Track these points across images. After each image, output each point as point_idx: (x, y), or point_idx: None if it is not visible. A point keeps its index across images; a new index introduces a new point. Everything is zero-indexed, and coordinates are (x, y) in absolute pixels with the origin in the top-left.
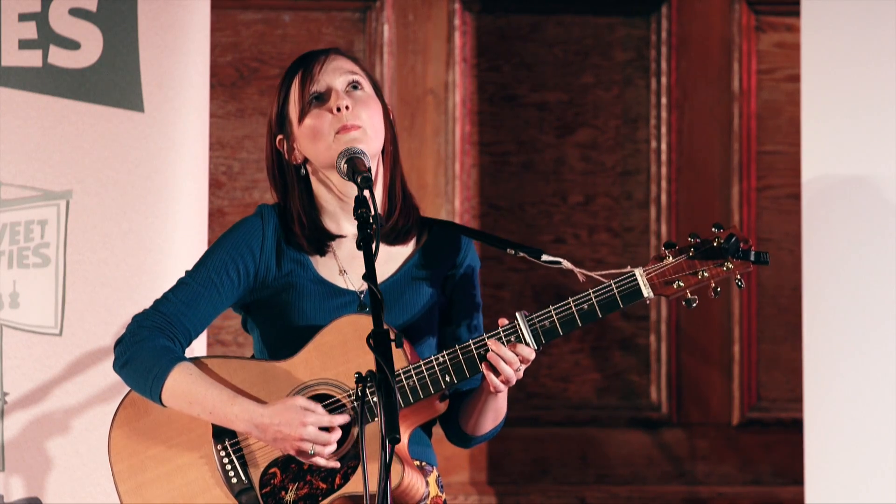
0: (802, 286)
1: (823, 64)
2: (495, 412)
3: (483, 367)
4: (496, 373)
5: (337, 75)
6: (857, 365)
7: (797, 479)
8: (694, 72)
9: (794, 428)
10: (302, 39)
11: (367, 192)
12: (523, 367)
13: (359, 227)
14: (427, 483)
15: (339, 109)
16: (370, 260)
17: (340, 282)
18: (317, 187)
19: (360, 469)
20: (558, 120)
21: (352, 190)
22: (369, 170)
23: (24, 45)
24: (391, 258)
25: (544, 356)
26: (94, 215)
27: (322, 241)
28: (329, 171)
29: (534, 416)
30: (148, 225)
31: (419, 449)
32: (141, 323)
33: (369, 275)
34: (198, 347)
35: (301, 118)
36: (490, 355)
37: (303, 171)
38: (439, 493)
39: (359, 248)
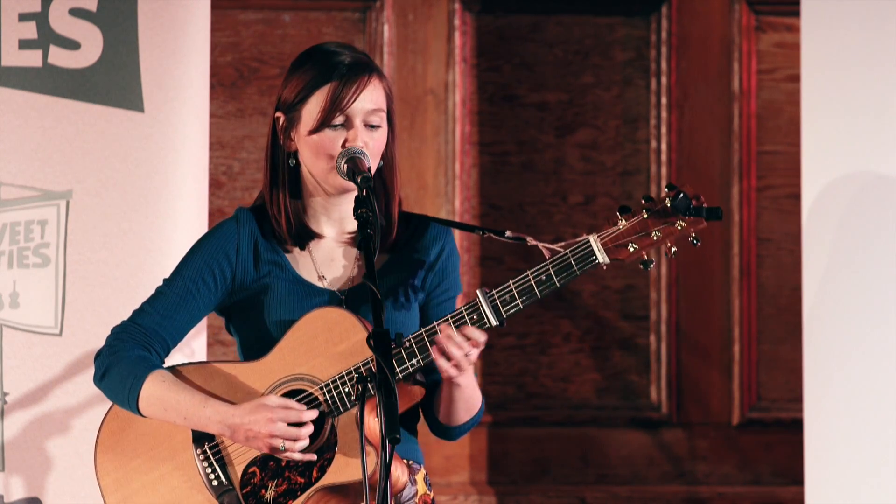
0: (802, 286)
1: (823, 64)
2: (465, 402)
3: (433, 352)
4: (448, 357)
5: (364, 109)
6: (857, 365)
7: (797, 479)
8: (694, 72)
9: (794, 428)
10: (302, 39)
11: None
12: (475, 352)
13: (359, 227)
14: (415, 481)
15: None
16: (370, 260)
17: (318, 283)
18: (305, 183)
19: (336, 460)
20: (558, 120)
21: (341, 196)
22: (369, 170)
23: (24, 45)
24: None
25: (544, 356)
26: (94, 215)
27: (304, 237)
28: (322, 182)
29: (534, 416)
30: (148, 225)
31: (406, 447)
32: (119, 336)
33: (369, 275)
34: (197, 348)
35: (314, 131)
36: (438, 338)
37: (292, 161)
38: (427, 492)
39: (359, 248)
